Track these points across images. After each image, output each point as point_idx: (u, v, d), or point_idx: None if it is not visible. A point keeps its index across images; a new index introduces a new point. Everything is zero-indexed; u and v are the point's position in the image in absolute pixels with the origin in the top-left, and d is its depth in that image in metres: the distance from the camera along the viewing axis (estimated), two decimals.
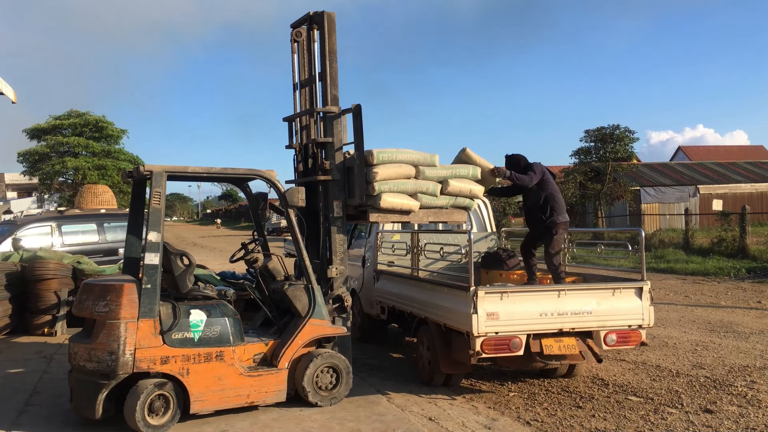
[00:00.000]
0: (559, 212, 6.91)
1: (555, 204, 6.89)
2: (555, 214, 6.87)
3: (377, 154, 6.33)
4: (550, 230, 6.89)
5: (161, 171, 5.66)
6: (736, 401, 6.17)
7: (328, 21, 6.66)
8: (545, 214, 6.88)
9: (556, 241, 6.92)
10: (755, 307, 11.67)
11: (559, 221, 6.87)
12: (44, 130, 31.68)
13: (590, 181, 28.48)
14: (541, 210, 6.90)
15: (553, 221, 6.86)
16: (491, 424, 5.62)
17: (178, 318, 5.46)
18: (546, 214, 6.88)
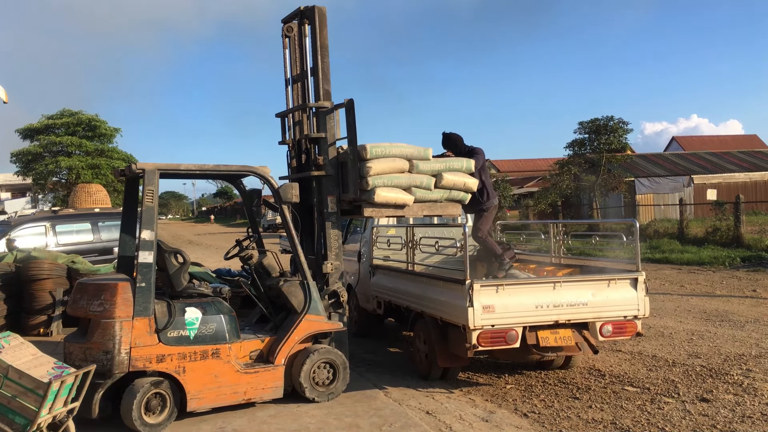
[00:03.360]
0: (493, 196, 7.56)
1: (490, 189, 7.47)
2: (490, 198, 7.46)
3: (370, 148, 6.31)
4: (484, 210, 7.45)
5: (153, 169, 5.64)
6: (732, 390, 6.19)
7: (319, 15, 6.63)
8: (482, 197, 7.35)
9: (486, 218, 7.50)
10: (750, 295, 11.72)
11: (494, 204, 7.54)
12: (37, 130, 31.53)
13: (585, 172, 28.51)
14: (479, 194, 7.29)
15: (490, 203, 7.45)
16: (489, 417, 5.63)
17: (173, 316, 5.45)
18: (483, 197, 7.35)
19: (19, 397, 4.46)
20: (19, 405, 4.45)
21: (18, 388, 4.49)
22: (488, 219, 7.54)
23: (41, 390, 4.45)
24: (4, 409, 4.47)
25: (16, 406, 4.46)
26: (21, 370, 4.53)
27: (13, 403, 4.46)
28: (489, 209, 7.48)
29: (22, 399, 4.46)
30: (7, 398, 4.47)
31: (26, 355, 4.76)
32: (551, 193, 28.96)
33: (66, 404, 4.69)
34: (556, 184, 28.65)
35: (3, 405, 4.47)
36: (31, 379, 4.51)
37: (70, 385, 4.68)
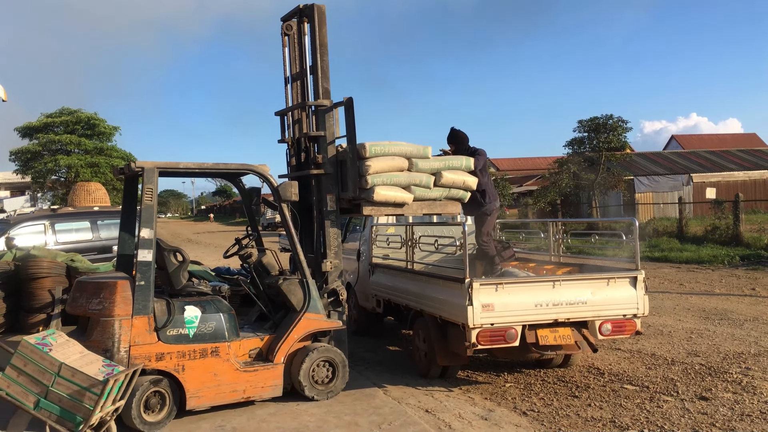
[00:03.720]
0: (495, 198, 7.49)
1: (492, 190, 7.43)
2: (492, 200, 7.39)
3: (370, 147, 6.31)
4: (486, 214, 7.36)
5: (152, 167, 5.64)
6: (731, 388, 6.20)
7: (319, 14, 6.63)
8: (484, 199, 7.28)
9: (489, 222, 7.43)
10: (749, 294, 11.72)
11: (495, 206, 7.46)
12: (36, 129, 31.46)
13: (584, 171, 28.49)
14: (481, 195, 7.26)
15: (492, 206, 7.37)
16: (488, 415, 5.63)
17: (172, 314, 5.45)
18: (485, 199, 7.29)
19: (71, 396, 4.41)
20: (72, 403, 4.40)
21: (71, 386, 4.44)
22: (491, 222, 7.49)
23: (97, 388, 4.42)
24: (56, 408, 4.42)
25: (68, 405, 4.41)
26: (75, 368, 4.49)
27: (64, 401, 4.42)
28: (491, 212, 7.41)
29: (74, 397, 4.41)
30: (58, 396, 4.42)
31: (74, 353, 4.71)
32: (550, 191, 28.96)
33: (114, 403, 4.67)
34: (556, 183, 28.65)
35: (54, 403, 4.42)
36: (85, 377, 4.46)
37: (120, 384, 4.66)
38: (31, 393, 4.43)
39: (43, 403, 4.43)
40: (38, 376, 4.46)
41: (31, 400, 4.43)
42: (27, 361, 4.48)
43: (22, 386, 4.44)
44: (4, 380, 4.43)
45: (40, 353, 4.51)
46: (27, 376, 4.46)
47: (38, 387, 4.45)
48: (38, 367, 4.47)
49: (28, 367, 4.47)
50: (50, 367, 4.48)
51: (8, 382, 4.43)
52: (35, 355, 4.50)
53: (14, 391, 4.42)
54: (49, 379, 4.46)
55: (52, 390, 4.44)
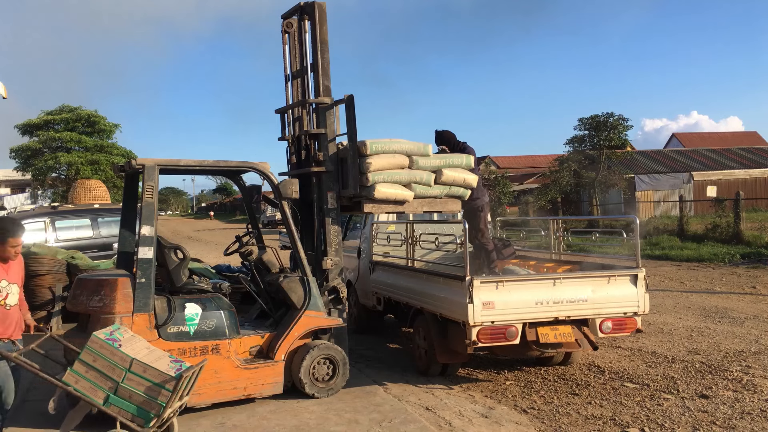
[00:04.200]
0: (483, 193, 7.49)
1: (479, 186, 7.30)
2: (481, 195, 7.36)
3: (370, 144, 6.30)
4: (478, 210, 7.33)
5: (153, 164, 5.63)
6: (732, 386, 6.20)
7: (319, 11, 6.61)
8: (472, 195, 7.18)
9: (483, 218, 7.41)
10: (750, 292, 11.72)
11: (485, 202, 7.47)
12: (36, 126, 31.44)
13: (585, 169, 28.50)
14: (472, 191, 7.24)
15: (480, 202, 7.34)
16: (488, 413, 5.63)
17: (173, 312, 5.45)
18: (473, 195, 7.19)
19: (142, 391, 4.37)
20: (143, 399, 4.36)
21: (142, 382, 4.39)
22: (484, 218, 7.49)
23: (170, 384, 4.38)
24: (126, 404, 4.37)
25: (139, 401, 4.37)
26: (146, 364, 4.44)
27: (135, 397, 4.37)
28: (482, 208, 7.41)
29: (146, 393, 4.37)
30: (129, 392, 4.37)
31: (142, 349, 4.65)
32: (551, 189, 28.97)
33: (180, 399, 4.65)
34: (556, 181, 28.65)
35: (125, 399, 4.37)
36: (158, 372, 4.42)
37: (189, 380, 4.64)
38: (100, 389, 4.37)
39: (112, 399, 4.38)
40: (108, 372, 4.40)
41: (101, 396, 4.37)
42: (96, 357, 4.41)
43: (91, 382, 4.38)
44: (72, 376, 4.37)
45: (111, 348, 4.45)
46: (96, 372, 4.40)
47: (108, 383, 4.39)
48: (108, 362, 4.40)
49: (97, 362, 4.40)
50: (121, 362, 4.42)
51: (76, 377, 4.37)
52: (105, 351, 4.43)
53: (82, 386, 4.36)
54: (120, 374, 4.40)
55: (122, 386, 4.38)
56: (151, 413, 4.37)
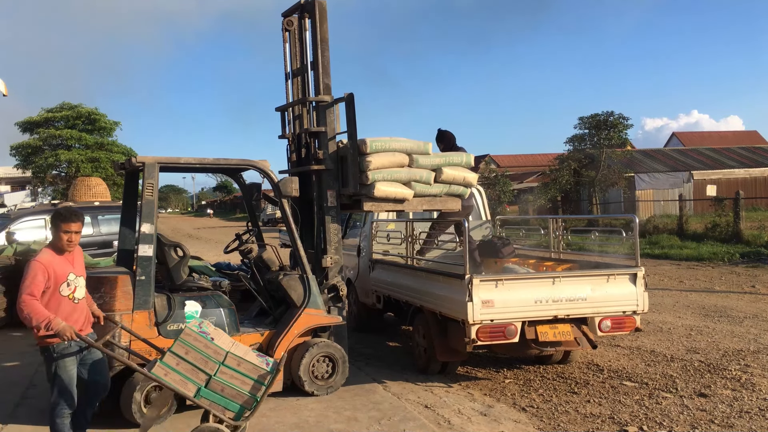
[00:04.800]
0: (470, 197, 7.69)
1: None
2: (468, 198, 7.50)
3: (370, 143, 6.31)
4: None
5: (153, 162, 5.64)
6: (730, 385, 6.21)
7: (320, 9, 6.61)
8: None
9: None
10: (749, 291, 11.73)
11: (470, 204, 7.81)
12: (37, 123, 31.47)
13: (585, 168, 28.50)
14: None
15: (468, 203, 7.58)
16: (487, 411, 5.65)
17: (173, 309, 5.46)
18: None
19: (235, 385, 4.36)
20: (235, 392, 4.35)
21: (236, 376, 4.38)
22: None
23: (264, 378, 4.39)
24: (217, 397, 4.35)
25: (231, 394, 4.35)
26: (241, 357, 4.43)
27: (227, 390, 4.35)
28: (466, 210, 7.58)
29: (238, 386, 4.36)
30: (221, 385, 4.35)
31: (227, 342, 4.62)
32: (551, 188, 28.97)
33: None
34: (556, 180, 28.64)
35: (216, 392, 4.35)
36: (252, 366, 4.41)
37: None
38: (191, 381, 4.34)
39: (203, 392, 4.35)
40: (201, 365, 4.36)
41: (191, 388, 4.34)
42: (189, 349, 4.37)
43: (182, 374, 4.34)
44: (161, 368, 4.34)
45: (205, 341, 4.43)
46: (188, 364, 4.36)
47: (200, 375, 4.36)
48: (202, 355, 4.37)
49: (189, 355, 4.37)
50: (215, 355, 4.40)
51: (166, 370, 4.33)
52: (199, 344, 4.40)
53: (172, 379, 4.33)
54: (213, 367, 4.37)
55: (215, 379, 4.36)
56: (244, 406, 4.37)
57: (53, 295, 4.28)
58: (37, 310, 4.14)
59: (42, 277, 4.21)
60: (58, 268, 4.32)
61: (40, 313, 4.13)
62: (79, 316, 4.44)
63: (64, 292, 4.33)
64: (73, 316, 4.37)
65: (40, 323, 4.12)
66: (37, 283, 4.19)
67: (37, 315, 4.12)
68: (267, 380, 4.39)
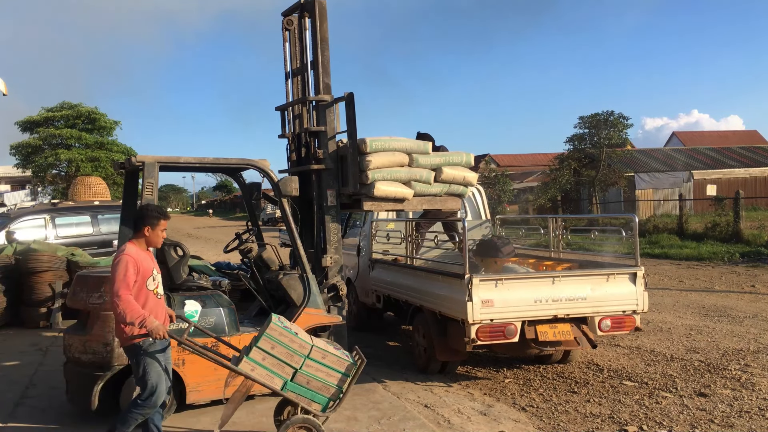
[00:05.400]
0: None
1: None
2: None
3: (370, 142, 6.31)
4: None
5: (153, 162, 5.63)
6: (730, 384, 6.21)
7: (319, 9, 6.61)
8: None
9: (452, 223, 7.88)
10: (749, 291, 11.73)
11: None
12: (36, 123, 31.42)
13: (585, 167, 28.50)
14: None
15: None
16: (487, 411, 5.65)
17: (172, 309, 5.44)
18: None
19: (321, 377, 4.44)
20: (321, 385, 4.44)
21: (321, 368, 4.46)
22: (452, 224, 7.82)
23: (349, 370, 4.48)
24: (303, 389, 4.43)
25: (317, 386, 4.44)
26: (325, 350, 4.51)
27: (313, 383, 4.44)
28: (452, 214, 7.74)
29: (324, 379, 4.44)
30: (307, 378, 4.44)
31: (306, 336, 4.69)
32: (551, 187, 28.96)
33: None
34: (556, 179, 28.64)
35: (302, 385, 4.43)
36: (336, 359, 4.50)
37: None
38: (277, 376, 4.44)
39: (290, 385, 4.45)
40: (286, 359, 4.45)
41: (278, 382, 4.44)
42: (275, 344, 4.45)
43: (268, 369, 4.43)
44: (248, 364, 4.42)
45: (290, 336, 4.50)
46: (274, 359, 4.44)
47: (286, 369, 4.45)
48: (287, 349, 4.46)
49: (275, 350, 4.44)
50: (300, 349, 4.47)
51: (252, 365, 4.41)
52: (284, 338, 4.48)
53: (258, 374, 4.41)
54: (298, 361, 4.45)
55: (300, 372, 4.44)
56: (329, 398, 4.47)
57: (141, 289, 4.26)
58: (133, 307, 4.11)
59: (132, 270, 4.18)
60: (145, 262, 4.31)
61: (135, 311, 4.10)
62: (161, 312, 4.43)
63: (150, 286, 4.32)
64: (156, 312, 4.35)
65: (135, 320, 4.09)
66: (129, 277, 4.15)
67: (131, 312, 4.09)
68: (352, 371, 4.49)
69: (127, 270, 4.14)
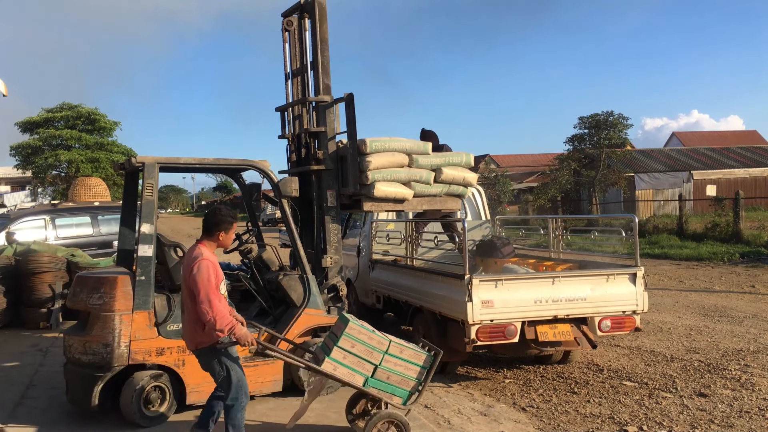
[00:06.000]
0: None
1: None
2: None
3: (370, 143, 6.31)
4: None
5: (153, 162, 5.64)
6: (730, 385, 6.21)
7: (319, 9, 6.61)
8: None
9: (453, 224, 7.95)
10: (749, 291, 11.73)
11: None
12: (36, 123, 31.42)
13: (584, 167, 28.52)
14: None
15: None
16: (487, 411, 5.65)
17: (172, 309, 5.45)
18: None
19: (400, 372, 4.54)
20: (400, 379, 4.54)
21: (399, 363, 4.56)
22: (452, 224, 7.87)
23: (427, 363, 4.59)
24: (383, 384, 4.54)
25: (396, 381, 4.54)
26: (403, 344, 4.61)
27: (393, 377, 4.54)
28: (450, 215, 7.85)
29: (403, 373, 4.55)
30: (386, 373, 4.54)
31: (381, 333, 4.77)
32: (551, 188, 28.97)
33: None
34: (556, 179, 28.65)
35: (383, 381, 4.54)
36: (414, 352, 4.60)
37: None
38: (358, 373, 4.53)
39: (371, 381, 4.55)
40: (366, 356, 4.56)
41: (359, 380, 4.54)
42: (355, 343, 4.55)
43: (349, 367, 4.52)
44: (330, 364, 4.50)
45: (369, 333, 4.60)
46: (354, 357, 4.54)
47: (366, 366, 4.55)
48: (367, 347, 4.56)
49: (355, 348, 4.54)
50: (379, 346, 4.58)
51: (334, 365, 4.50)
52: (364, 336, 4.58)
53: (340, 373, 4.51)
54: (377, 357, 4.56)
55: (380, 368, 4.54)
56: (409, 391, 4.57)
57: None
58: (224, 314, 4.12)
59: (214, 274, 4.20)
60: (218, 267, 4.33)
61: (225, 318, 4.12)
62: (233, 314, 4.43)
63: (222, 290, 4.33)
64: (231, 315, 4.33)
65: (224, 328, 4.11)
66: (213, 282, 4.16)
67: (221, 319, 4.10)
68: (429, 364, 4.59)
69: (209, 275, 4.15)
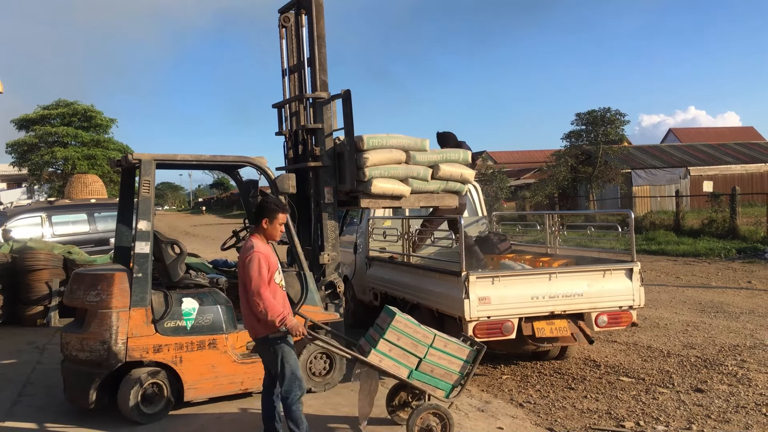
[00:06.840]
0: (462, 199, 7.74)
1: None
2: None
3: (367, 139, 6.30)
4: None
5: (150, 159, 5.63)
6: (727, 380, 6.23)
7: (316, 5, 6.60)
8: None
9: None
10: (745, 287, 11.77)
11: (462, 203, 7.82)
12: (32, 121, 31.36)
13: (581, 164, 28.52)
14: None
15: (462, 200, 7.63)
16: (484, 407, 5.66)
17: (170, 306, 5.45)
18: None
19: (444, 365, 4.63)
20: (443, 372, 4.63)
21: (443, 356, 4.65)
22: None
23: (470, 357, 4.69)
24: (427, 377, 4.63)
25: (440, 374, 4.64)
26: (447, 338, 4.70)
27: (436, 371, 4.63)
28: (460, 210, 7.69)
29: (447, 366, 4.63)
30: (431, 366, 4.63)
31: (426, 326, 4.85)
32: (548, 184, 28.98)
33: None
34: (553, 176, 28.66)
35: (427, 373, 4.63)
36: (458, 347, 4.70)
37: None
38: (403, 366, 4.62)
39: (415, 374, 4.65)
40: (411, 349, 4.64)
41: (403, 372, 4.63)
42: (400, 336, 4.63)
43: (394, 360, 4.62)
44: (376, 356, 4.60)
45: (414, 327, 4.68)
46: (400, 350, 4.63)
47: (410, 359, 4.65)
48: (412, 340, 4.64)
49: (401, 341, 4.63)
50: (423, 339, 4.65)
51: (380, 356, 4.60)
52: (409, 329, 4.66)
53: (386, 365, 4.61)
54: (422, 350, 4.65)
55: (425, 361, 4.63)
56: (452, 384, 4.66)
57: (271, 284, 4.30)
58: (274, 305, 4.19)
59: (265, 266, 4.24)
60: (271, 257, 4.36)
61: (276, 309, 4.19)
62: (286, 304, 4.48)
63: (276, 280, 4.38)
64: (284, 304, 4.40)
65: (276, 319, 4.17)
66: (264, 274, 4.21)
67: (272, 311, 4.17)
68: (472, 358, 4.68)
69: (260, 267, 4.21)
